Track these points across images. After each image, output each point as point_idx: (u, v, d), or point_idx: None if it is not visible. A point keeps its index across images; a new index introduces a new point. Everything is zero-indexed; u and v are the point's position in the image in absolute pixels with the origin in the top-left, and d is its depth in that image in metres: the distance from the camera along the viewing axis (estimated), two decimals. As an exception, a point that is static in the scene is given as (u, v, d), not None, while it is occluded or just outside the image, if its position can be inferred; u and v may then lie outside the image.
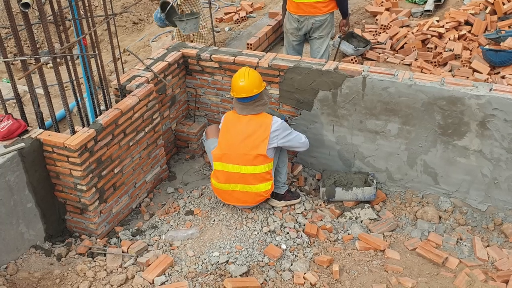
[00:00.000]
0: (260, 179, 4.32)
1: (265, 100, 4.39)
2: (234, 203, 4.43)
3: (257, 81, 4.31)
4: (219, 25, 8.91)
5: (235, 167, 4.31)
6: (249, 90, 4.26)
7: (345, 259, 4.12)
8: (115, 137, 4.33)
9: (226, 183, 4.37)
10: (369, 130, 4.68)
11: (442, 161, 4.53)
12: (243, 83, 4.25)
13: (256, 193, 4.35)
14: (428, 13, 8.37)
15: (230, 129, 4.38)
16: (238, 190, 4.35)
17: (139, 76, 4.78)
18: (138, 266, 3.99)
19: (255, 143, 4.26)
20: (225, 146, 4.35)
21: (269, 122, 4.30)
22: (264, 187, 4.35)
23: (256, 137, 4.27)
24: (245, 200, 4.38)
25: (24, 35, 8.48)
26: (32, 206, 4.11)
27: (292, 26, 6.04)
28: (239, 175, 4.31)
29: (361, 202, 4.71)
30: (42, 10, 3.86)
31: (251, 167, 4.28)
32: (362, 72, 4.51)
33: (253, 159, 4.26)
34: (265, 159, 4.28)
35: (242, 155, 4.28)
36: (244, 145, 4.28)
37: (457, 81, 4.37)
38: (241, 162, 4.29)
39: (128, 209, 4.71)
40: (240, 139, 4.30)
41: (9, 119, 4.12)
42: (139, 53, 8.58)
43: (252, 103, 4.33)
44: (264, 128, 4.28)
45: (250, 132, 4.29)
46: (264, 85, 4.37)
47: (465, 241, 4.30)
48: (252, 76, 4.30)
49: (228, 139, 4.35)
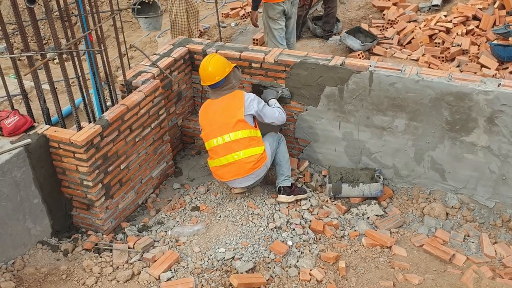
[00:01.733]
0: (244, 144, 4.40)
1: (232, 84, 4.53)
2: (227, 178, 4.50)
3: (219, 68, 4.42)
4: (225, 20, 8.88)
5: (218, 140, 4.45)
6: (211, 78, 4.44)
7: (351, 256, 4.11)
8: (121, 133, 4.33)
9: (215, 159, 4.48)
10: (376, 126, 4.65)
11: (449, 157, 4.50)
12: (205, 71, 4.44)
13: (243, 160, 4.41)
14: (435, 7, 8.32)
15: (208, 111, 4.55)
16: (227, 163, 4.44)
17: (145, 72, 4.77)
18: (144, 262, 4.00)
19: (232, 112, 4.42)
20: (207, 124, 4.53)
21: (242, 94, 4.50)
22: (250, 152, 4.41)
23: (232, 107, 4.43)
24: (236, 171, 4.44)
25: (30, 31, 8.49)
26: (39, 202, 4.12)
27: (276, 11, 6.34)
28: (223, 145, 4.44)
29: (367, 199, 4.69)
30: (48, 6, 3.85)
31: (233, 133, 4.40)
32: (369, 67, 4.48)
33: (233, 125, 4.40)
34: (245, 124, 4.40)
35: (222, 125, 4.43)
36: (223, 118, 4.44)
37: (465, 76, 4.33)
38: (223, 132, 4.42)
39: (134, 205, 4.71)
40: (218, 115, 4.46)
41: (15, 115, 4.13)
42: (145, 48, 8.57)
43: (219, 88, 4.50)
44: (238, 99, 4.45)
45: (226, 106, 4.46)
46: (228, 70, 4.45)
47: (472, 237, 4.28)
48: (214, 63, 4.43)
49: (207, 120, 4.53)
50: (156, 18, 6.66)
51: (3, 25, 4.00)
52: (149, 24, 6.66)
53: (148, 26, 6.68)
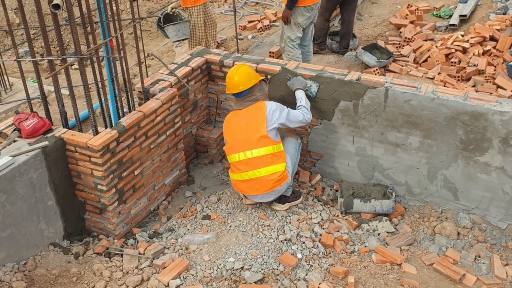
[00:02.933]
0: (266, 161, 4.38)
1: (256, 96, 4.50)
2: (248, 192, 4.50)
3: (245, 78, 4.43)
4: (243, 33, 8.96)
5: (241, 155, 4.43)
6: (235, 87, 4.45)
7: (361, 271, 4.09)
8: (137, 139, 4.38)
9: (238, 173, 4.47)
10: (389, 142, 4.66)
11: (462, 177, 4.48)
12: (231, 79, 4.46)
13: (265, 178, 4.40)
14: (453, 27, 8.33)
15: (231, 123, 4.55)
16: (248, 178, 4.43)
17: (162, 80, 4.83)
18: (154, 268, 4.02)
19: (255, 126, 4.40)
20: (230, 138, 4.52)
21: (263, 105, 4.46)
22: (273, 169, 4.40)
23: (254, 122, 4.41)
24: (258, 187, 4.43)
25: (51, 36, 8.63)
26: (53, 204, 4.18)
27: (305, 17, 6.52)
28: (246, 161, 4.42)
29: (379, 215, 4.68)
30: (71, 12, 3.93)
31: (256, 150, 4.38)
32: (384, 83, 4.50)
33: (256, 141, 4.37)
34: (269, 140, 4.38)
35: (245, 140, 4.41)
36: (246, 132, 4.42)
37: (481, 96, 4.33)
38: (246, 147, 4.40)
39: (146, 211, 4.75)
40: (241, 128, 4.45)
41: (34, 117, 4.20)
42: (162, 57, 8.66)
43: (242, 98, 4.50)
44: (260, 111, 4.42)
45: (248, 119, 4.45)
46: (254, 82, 4.46)
47: (483, 258, 4.24)
48: (240, 73, 4.45)
49: (230, 133, 4.52)
50: (184, 24, 6.74)
51: (27, 29, 4.09)
52: (178, 31, 6.71)
53: (177, 33, 6.73)
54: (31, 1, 10.39)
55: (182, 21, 6.73)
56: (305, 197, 4.79)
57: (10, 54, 9.82)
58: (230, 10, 10.00)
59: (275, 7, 10.06)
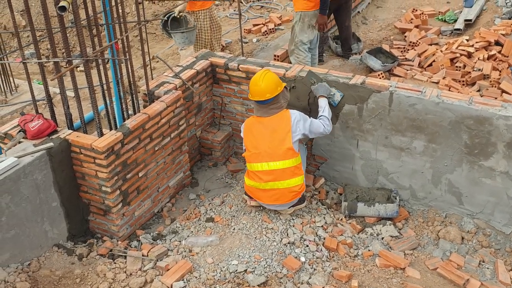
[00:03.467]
0: (290, 173, 4.36)
1: (280, 104, 4.43)
2: (266, 201, 4.46)
3: (272, 85, 4.34)
4: (247, 36, 8.98)
5: (264, 165, 4.36)
6: (262, 94, 4.34)
7: (364, 275, 4.09)
8: (141, 141, 4.40)
9: (258, 182, 4.41)
10: (394, 146, 4.65)
11: (467, 181, 4.47)
12: (257, 86, 4.34)
13: (287, 189, 4.38)
14: (458, 32, 8.32)
15: (253, 131, 4.45)
16: (269, 188, 4.39)
17: (167, 82, 4.85)
18: (157, 270, 4.02)
19: (280, 137, 4.33)
20: (252, 147, 4.43)
21: (288, 115, 4.38)
22: (295, 182, 4.38)
23: (280, 132, 4.34)
24: (277, 198, 4.40)
25: (57, 38, 8.67)
26: (57, 205, 4.19)
27: None
28: (269, 172, 4.36)
29: (383, 219, 4.67)
30: (77, 14, 3.95)
31: (280, 162, 4.33)
32: (389, 87, 4.50)
33: (282, 154, 4.32)
34: (293, 153, 4.33)
35: (270, 151, 4.34)
36: (270, 142, 4.34)
37: (486, 101, 4.32)
38: (270, 158, 4.34)
39: (150, 213, 4.76)
40: (265, 138, 4.37)
41: (39, 118, 4.22)
42: (167, 60, 8.69)
43: (267, 105, 4.39)
44: (285, 121, 4.36)
45: (273, 129, 4.37)
46: (279, 90, 4.38)
47: (487, 263, 4.23)
48: (267, 80, 4.34)
49: (253, 141, 4.43)
50: (192, 32, 6.82)
51: (33, 31, 4.11)
52: (185, 39, 6.82)
53: (185, 40, 6.83)
54: (37, 3, 10.45)
55: (190, 29, 6.81)
56: (309, 201, 4.79)
57: (16, 56, 9.87)
58: (235, 13, 10.02)
59: (280, 10, 10.08)
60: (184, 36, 6.78)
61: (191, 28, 6.85)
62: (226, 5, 10.92)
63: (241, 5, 10.29)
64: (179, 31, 6.78)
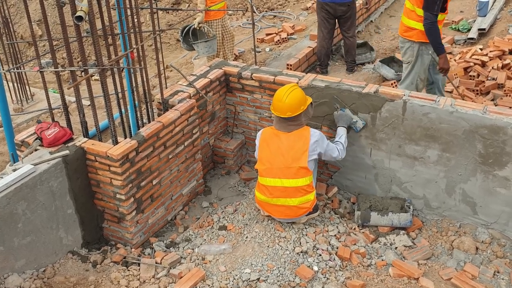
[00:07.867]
0: (302, 192, 4.35)
1: (301, 121, 4.39)
2: (276, 215, 4.46)
3: (295, 104, 4.28)
4: (260, 45, 9.03)
5: (277, 181, 4.34)
6: (283, 111, 4.30)
7: (377, 285, 4.06)
8: (155, 149, 4.43)
9: (269, 197, 4.40)
10: (407, 155, 4.64)
11: (481, 191, 4.44)
12: (280, 102, 4.31)
13: (297, 207, 4.37)
14: (471, 41, 8.30)
15: (269, 144, 4.42)
16: (280, 204, 4.38)
17: (181, 91, 4.89)
18: (171, 278, 4.04)
19: (296, 155, 4.30)
20: (266, 160, 4.40)
21: (308, 134, 4.35)
22: (306, 199, 4.37)
23: (296, 150, 4.31)
24: (287, 213, 4.40)
25: (73, 47, 8.78)
26: (72, 212, 4.23)
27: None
28: (281, 188, 4.35)
29: (396, 228, 4.65)
30: (93, 24, 4.01)
31: (294, 180, 4.31)
32: (403, 96, 4.49)
33: (296, 172, 4.29)
34: (307, 171, 4.31)
35: (284, 168, 4.32)
36: (285, 159, 4.32)
37: (500, 110, 4.30)
38: (283, 175, 4.32)
39: (164, 221, 4.78)
40: (281, 153, 4.34)
41: (55, 126, 4.27)
42: (181, 69, 8.76)
43: (286, 121, 4.36)
44: (303, 141, 4.32)
45: (290, 145, 4.33)
46: (302, 109, 4.33)
47: (502, 274, 4.19)
48: (292, 97, 4.29)
49: (268, 154, 4.40)
50: (213, 41, 7.05)
51: (50, 40, 4.18)
52: (209, 48, 7.05)
53: (208, 49, 7.05)
54: (53, 13, 10.61)
55: (212, 38, 7.00)
56: (321, 210, 4.79)
57: (32, 65, 10.01)
58: (249, 23, 10.09)
59: (293, 20, 10.13)
60: (208, 45, 7.00)
61: (212, 37, 7.00)
62: (239, 15, 11.01)
63: (254, 14, 10.36)
64: (203, 40, 6.96)
